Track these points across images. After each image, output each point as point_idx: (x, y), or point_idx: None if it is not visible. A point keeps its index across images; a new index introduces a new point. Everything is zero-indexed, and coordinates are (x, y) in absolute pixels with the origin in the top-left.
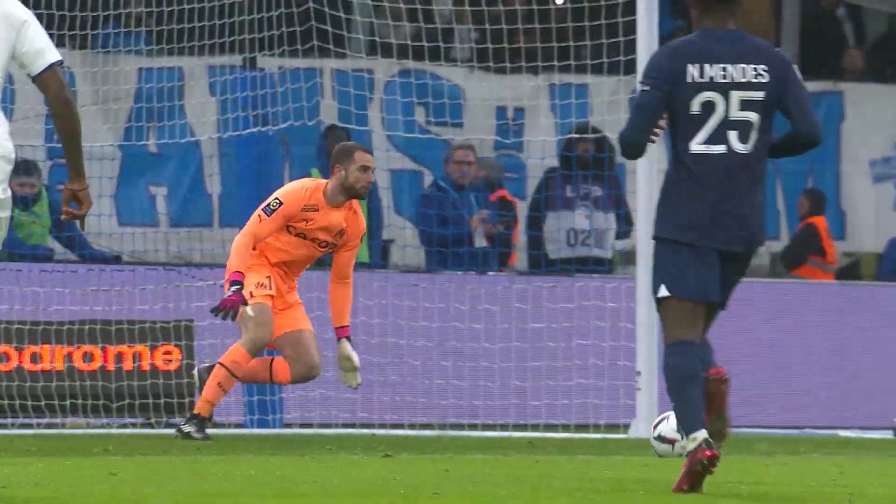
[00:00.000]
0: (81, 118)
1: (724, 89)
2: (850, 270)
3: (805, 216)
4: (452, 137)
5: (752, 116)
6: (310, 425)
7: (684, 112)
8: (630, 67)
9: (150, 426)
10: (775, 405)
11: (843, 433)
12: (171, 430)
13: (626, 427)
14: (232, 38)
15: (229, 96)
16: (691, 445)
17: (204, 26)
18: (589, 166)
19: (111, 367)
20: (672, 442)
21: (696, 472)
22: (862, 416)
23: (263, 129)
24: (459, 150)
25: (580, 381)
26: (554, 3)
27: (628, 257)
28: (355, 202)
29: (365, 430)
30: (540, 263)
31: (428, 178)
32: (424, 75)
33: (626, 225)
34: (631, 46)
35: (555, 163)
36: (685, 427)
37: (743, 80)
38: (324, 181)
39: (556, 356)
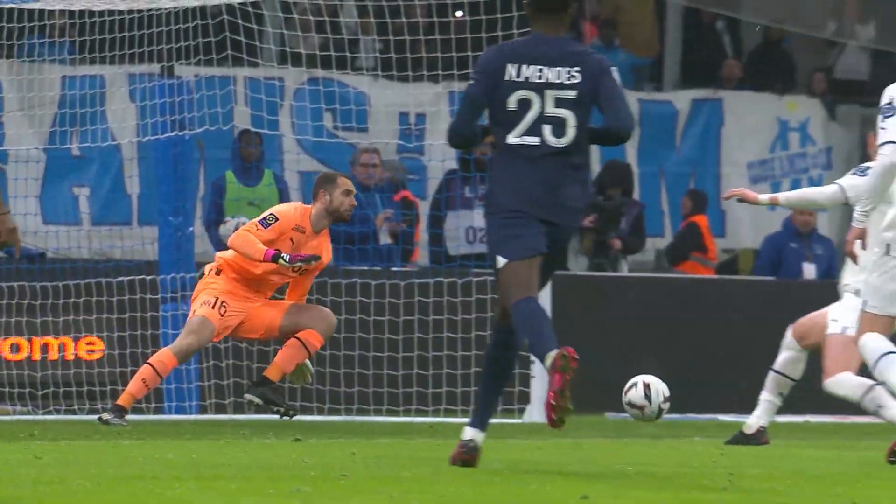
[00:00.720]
0: (8, 123)
1: (539, 88)
2: (729, 265)
3: (688, 215)
4: (358, 141)
5: (566, 113)
6: (224, 411)
7: (503, 108)
8: None
9: (74, 413)
10: None
11: (722, 418)
12: (94, 417)
13: (521, 412)
14: (150, 48)
15: (148, 102)
16: (548, 361)
17: (124, 37)
18: (486, 168)
19: (37, 357)
20: (641, 408)
21: (562, 368)
22: (739, 401)
23: (180, 133)
24: (365, 153)
25: (478, 370)
26: (454, 16)
27: None
28: (327, 232)
29: (276, 416)
30: (441, 259)
31: None
32: (332, 83)
33: None
34: None
35: (454, 165)
36: (540, 351)
37: (557, 81)
38: (308, 206)
39: (455, 346)
